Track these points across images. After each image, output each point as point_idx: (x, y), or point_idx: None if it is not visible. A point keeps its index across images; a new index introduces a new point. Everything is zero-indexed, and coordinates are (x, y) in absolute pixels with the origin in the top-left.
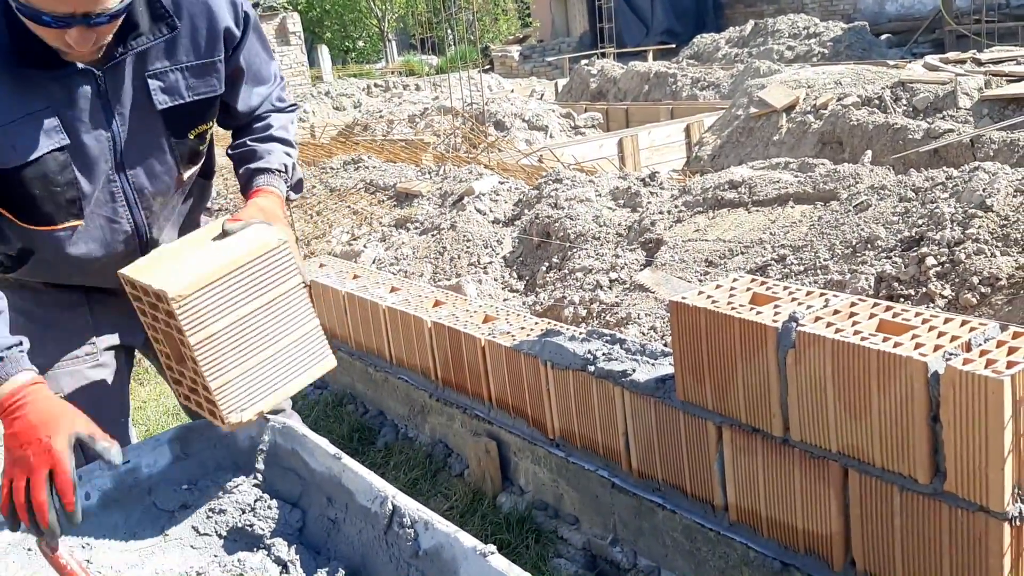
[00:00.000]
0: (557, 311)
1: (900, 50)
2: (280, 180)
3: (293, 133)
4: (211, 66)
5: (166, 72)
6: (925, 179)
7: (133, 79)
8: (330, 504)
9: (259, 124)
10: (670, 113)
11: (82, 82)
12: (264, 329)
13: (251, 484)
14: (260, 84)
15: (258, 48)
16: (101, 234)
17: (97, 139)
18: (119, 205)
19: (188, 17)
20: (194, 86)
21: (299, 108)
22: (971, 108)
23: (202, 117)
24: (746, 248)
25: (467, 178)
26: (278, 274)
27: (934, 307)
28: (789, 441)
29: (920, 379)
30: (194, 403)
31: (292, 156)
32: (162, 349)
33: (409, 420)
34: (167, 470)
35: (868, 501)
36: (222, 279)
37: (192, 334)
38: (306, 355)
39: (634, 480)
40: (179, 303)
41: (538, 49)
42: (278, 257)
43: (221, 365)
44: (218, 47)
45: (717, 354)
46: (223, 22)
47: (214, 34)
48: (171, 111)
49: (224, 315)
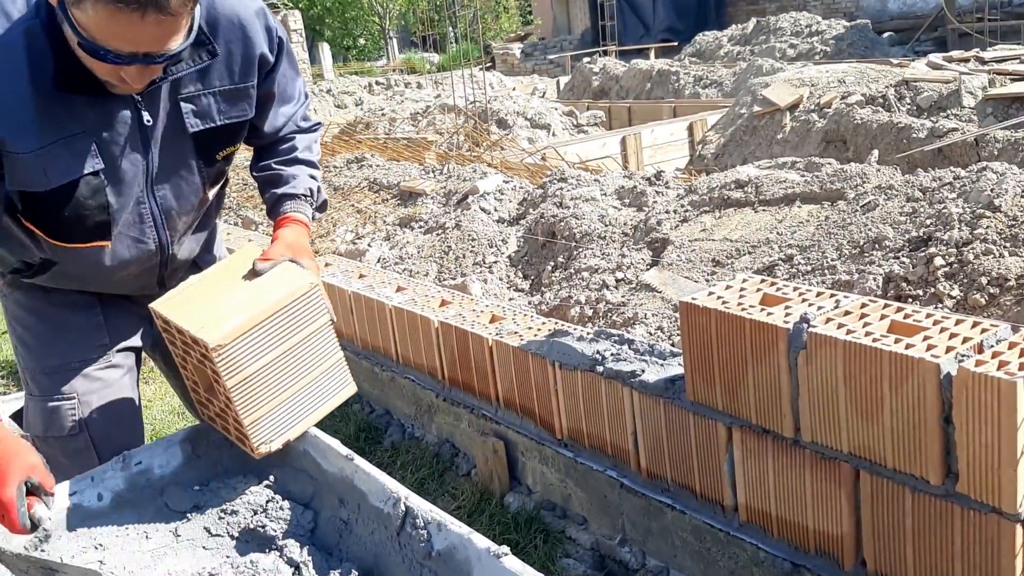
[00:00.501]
0: (563, 311)
1: (902, 48)
2: (306, 205)
3: (317, 153)
4: (243, 91)
5: (199, 96)
6: (932, 179)
7: (166, 102)
8: (342, 505)
9: (284, 146)
10: (672, 111)
11: (121, 107)
12: (294, 366)
13: (263, 485)
14: (286, 104)
15: (287, 70)
16: (126, 252)
17: (133, 163)
18: (147, 226)
19: (224, 42)
20: (225, 110)
21: (322, 126)
22: (975, 107)
23: (231, 140)
24: (753, 248)
25: (471, 177)
26: (308, 315)
27: (943, 307)
28: (800, 442)
29: (932, 381)
30: (220, 426)
31: (317, 178)
32: (190, 376)
33: (416, 419)
34: (179, 471)
35: (879, 502)
36: (258, 326)
37: (229, 378)
38: (331, 385)
39: (643, 480)
40: (219, 352)
41: (540, 47)
42: (309, 300)
43: (254, 403)
44: (252, 73)
45: (727, 355)
46: (258, 48)
47: (249, 60)
48: (202, 134)
49: (259, 358)
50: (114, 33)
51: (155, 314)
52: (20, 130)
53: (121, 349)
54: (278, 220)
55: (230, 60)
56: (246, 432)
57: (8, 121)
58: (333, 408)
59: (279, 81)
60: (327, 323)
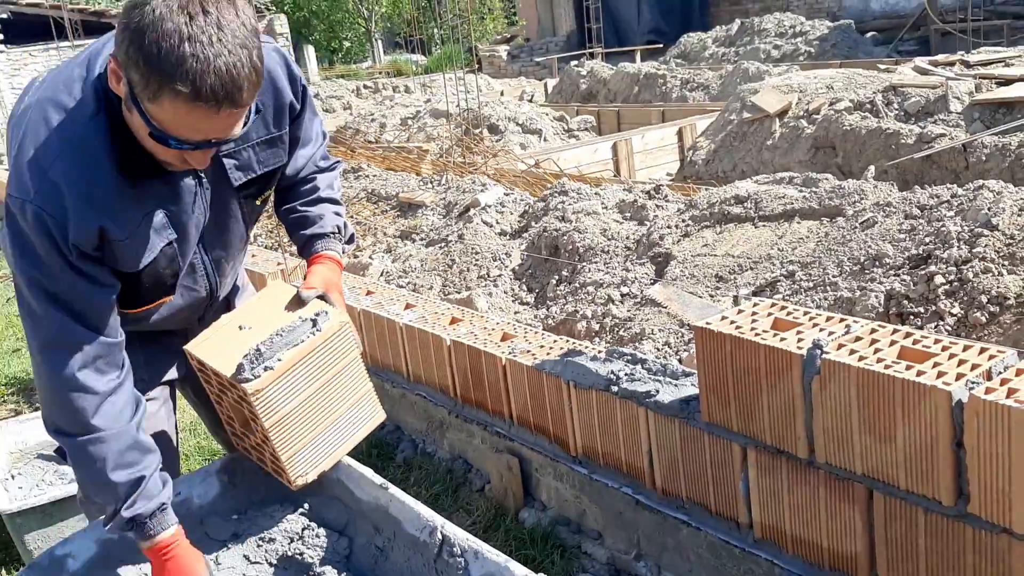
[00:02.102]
0: (570, 325)
1: (886, 48)
2: (335, 241)
3: (339, 190)
4: (278, 139)
5: (240, 151)
6: (930, 196)
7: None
8: (377, 532)
9: (306, 187)
10: (661, 115)
11: (188, 180)
12: (328, 400)
13: (298, 513)
14: (306, 146)
15: (309, 113)
16: (180, 300)
17: (196, 225)
18: (199, 275)
19: (258, 97)
20: (264, 160)
21: (341, 164)
22: (962, 112)
23: (269, 185)
24: (755, 264)
25: (470, 188)
26: (340, 352)
27: (944, 325)
28: (814, 463)
29: (944, 407)
30: (256, 457)
31: (341, 215)
32: (225, 412)
33: (427, 436)
34: (217, 501)
35: (893, 521)
36: (292, 368)
37: (267, 419)
38: (362, 414)
39: (658, 497)
40: (257, 396)
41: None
42: (340, 338)
43: (291, 439)
44: (284, 121)
45: (742, 378)
46: (287, 98)
47: (280, 110)
48: (244, 185)
49: (294, 398)
50: (187, 125)
51: (190, 356)
52: (115, 217)
53: (156, 384)
54: (311, 258)
55: (264, 113)
56: (283, 466)
57: (105, 210)
58: (365, 436)
59: (304, 126)
60: (357, 357)
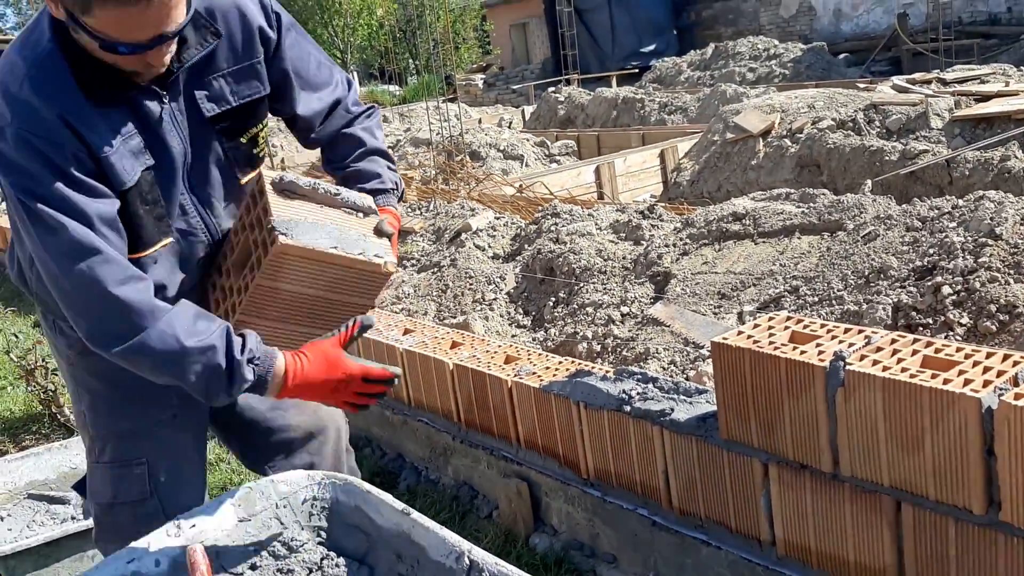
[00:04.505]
0: (570, 347)
1: (859, 69)
2: (394, 197)
3: (382, 139)
4: (251, 68)
5: (210, 81)
6: (930, 208)
7: (184, 95)
8: (399, 560)
9: (349, 140)
10: (641, 139)
11: (151, 102)
12: (310, 313)
13: (316, 542)
14: (319, 88)
15: (303, 49)
16: (180, 248)
17: (176, 157)
18: (191, 217)
19: (224, 25)
20: (238, 90)
21: (376, 109)
22: (943, 128)
23: (251, 121)
24: (757, 280)
25: (459, 213)
26: (360, 289)
27: (954, 336)
28: (839, 476)
29: (974, 415)
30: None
31: (394, 166)
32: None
33: (430, 462)
34: (232, 532)
35: (922, 533)
36: (324, 260)
37: (262, 278)
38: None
39: (675, 518)
40: (277, 252)
41: (501, 77)
42: (374, 279)
43: (259, 311)
44: (255, 48)
45: (762, 393)
46: (255, 22)
47: (248, 35)
48: (219, 118)
49: (298, 282)
50: (127, 26)
51: (262, 177)
52: (92, 128)
53: (188, 413)
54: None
55: (232, 41)
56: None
57: (81, 121)
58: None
59: (290, 57)
60: (363, 307)
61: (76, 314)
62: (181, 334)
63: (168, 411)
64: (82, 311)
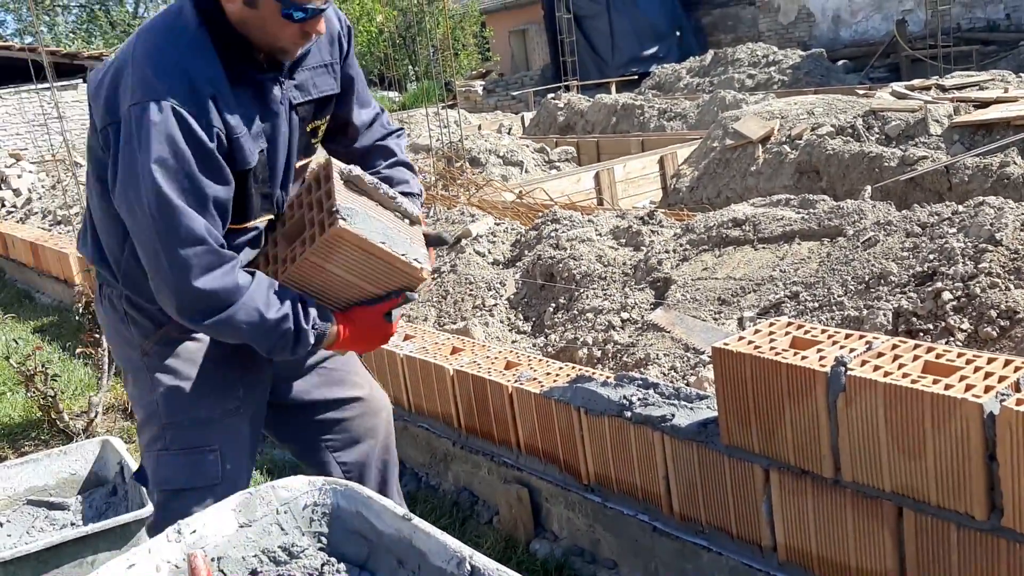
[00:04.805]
0: (570, 352)
1: (857, 75)
2: (419, 200)
3: (406, 155)
4: (331, 67)
5: (299, 72)
6: (930, 214)
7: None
8: (401, 566)
9: (384, 150)
10: (640, 145)
11: (274, 87)
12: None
13: (316, 548)
14: (367, 104)
15: (357, 67)
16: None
17: (280, 139)
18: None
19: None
20: (318, 85)
21: (403, 130)
22: (942, 134)
23: (321, 114)
24: (758, 286)
25: (460, 219)
26: (395, 286)
27: (955, 341)
28: (840, 482)
29: (976, 420)
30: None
31: (416, 177)
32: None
33: (430, 468)
34: (233, 538)
35: (923, 539)
36: (373, 251)
37: (313, 255)
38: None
39: (676, 523)
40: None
41: (501, 84)
42: (410, 280)
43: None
44: (334, 51)
45: (763, 399)
46: (335, 28)
47: (331, 38)
48: (301, 106)
49: (338, 266)
50: None
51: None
52: (232, 111)
53: (249, 405)
54: None
55: (319, 40)
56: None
57: (226, 105)
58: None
59: (354, 68)
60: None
61: (170, 292)
62: (262, 307)
63: (234, 402)
64: (175, 290)
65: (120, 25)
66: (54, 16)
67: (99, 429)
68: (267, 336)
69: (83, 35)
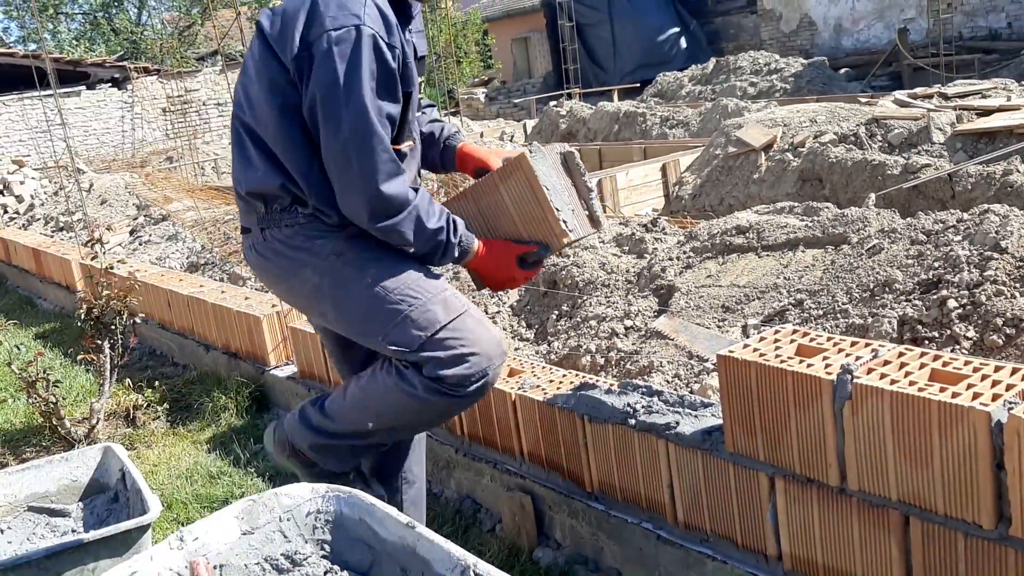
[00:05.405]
0: (574, 360)
1: (859, 84)
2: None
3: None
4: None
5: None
6: (934, 222)
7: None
8: (404, 574)
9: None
10: (643, 152)
11: (417, 31)
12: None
13: (319, 556)
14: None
15: None
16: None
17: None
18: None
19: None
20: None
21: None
22: (945, 143)
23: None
24: (762, 293)
25: None
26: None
27: (960, 349)
28: (846, 491)
29: (983, 428)
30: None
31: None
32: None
33: (432, 476)
34: (235, 546)
35: (930, 548)
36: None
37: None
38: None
39: (680, 532)
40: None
41: (503, 91)
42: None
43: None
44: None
45: (769, 407)
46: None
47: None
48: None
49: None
50: None
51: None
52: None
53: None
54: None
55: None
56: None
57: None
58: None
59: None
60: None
61: (359, 195)
62: (424, 216)
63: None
64: (360, 193)
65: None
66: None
67: (100, 435)
68: (426, 242)
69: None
